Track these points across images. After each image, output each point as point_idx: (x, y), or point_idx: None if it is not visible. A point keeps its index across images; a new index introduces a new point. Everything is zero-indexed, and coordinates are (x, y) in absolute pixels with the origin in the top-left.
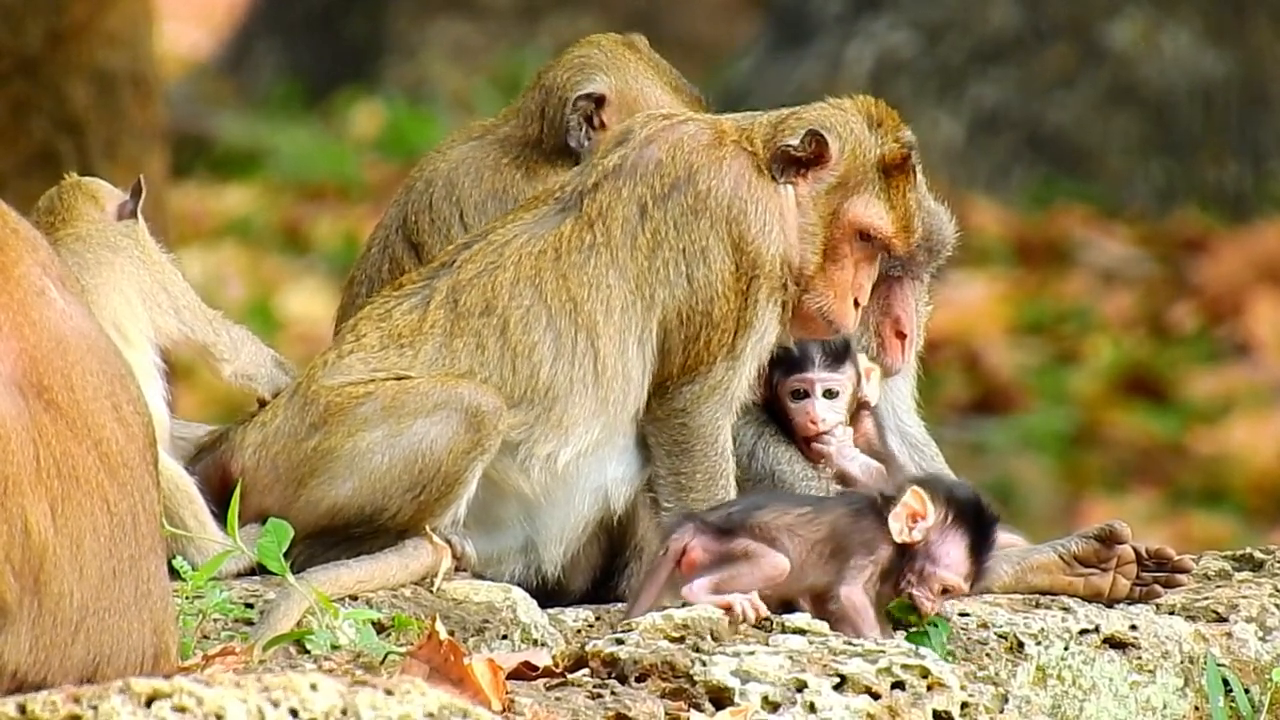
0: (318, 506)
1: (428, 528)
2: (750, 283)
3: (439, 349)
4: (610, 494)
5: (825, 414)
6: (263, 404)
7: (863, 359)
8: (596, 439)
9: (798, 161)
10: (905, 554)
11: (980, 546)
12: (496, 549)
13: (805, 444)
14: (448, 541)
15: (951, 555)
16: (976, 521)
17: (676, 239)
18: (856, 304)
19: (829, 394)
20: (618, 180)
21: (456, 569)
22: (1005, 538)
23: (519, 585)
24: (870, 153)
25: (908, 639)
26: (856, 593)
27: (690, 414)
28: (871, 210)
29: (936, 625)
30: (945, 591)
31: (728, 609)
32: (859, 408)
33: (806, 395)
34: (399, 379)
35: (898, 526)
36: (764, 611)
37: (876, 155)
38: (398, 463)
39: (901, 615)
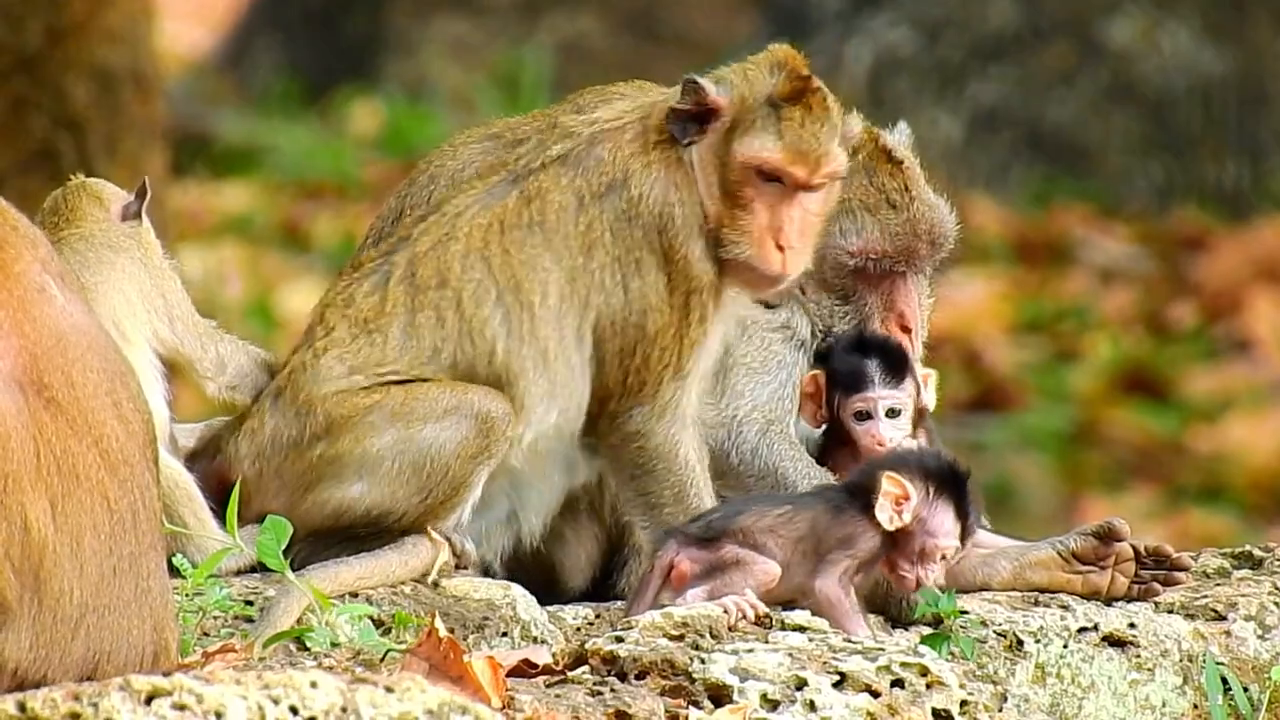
0: (324, 508)
1: (429, 526)
2: (688, 298)
3: (404, 329)
4: (577, 463)
5: (890, 433)
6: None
7: (918, 366)
8: (555, 422)
9: (688, 116)
10: (898, 541)
11: (964, 504)
12: (484, 524)
13: None
14: (447, 539)
15: (945, 524)
16: (955, 483)
17: (613, 244)
18: (780, 248)
19: (892, 413)
20: (560, 168)
21: (457, 566)
22: (993, 539)
23: (505, 560)
24: (762, 92)
25: (924, 642)
26: (831, 585)
27: (646, 436)
28: (756, 144)
29: (946, 611)
30: (944, 558)
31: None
32: (919, 415)
33: (870, 416)
34: (403, 383)
35: (886, 515)
36: (762, 609)
37: (767, 92)
38: (407, 467)
39: (924, 611)
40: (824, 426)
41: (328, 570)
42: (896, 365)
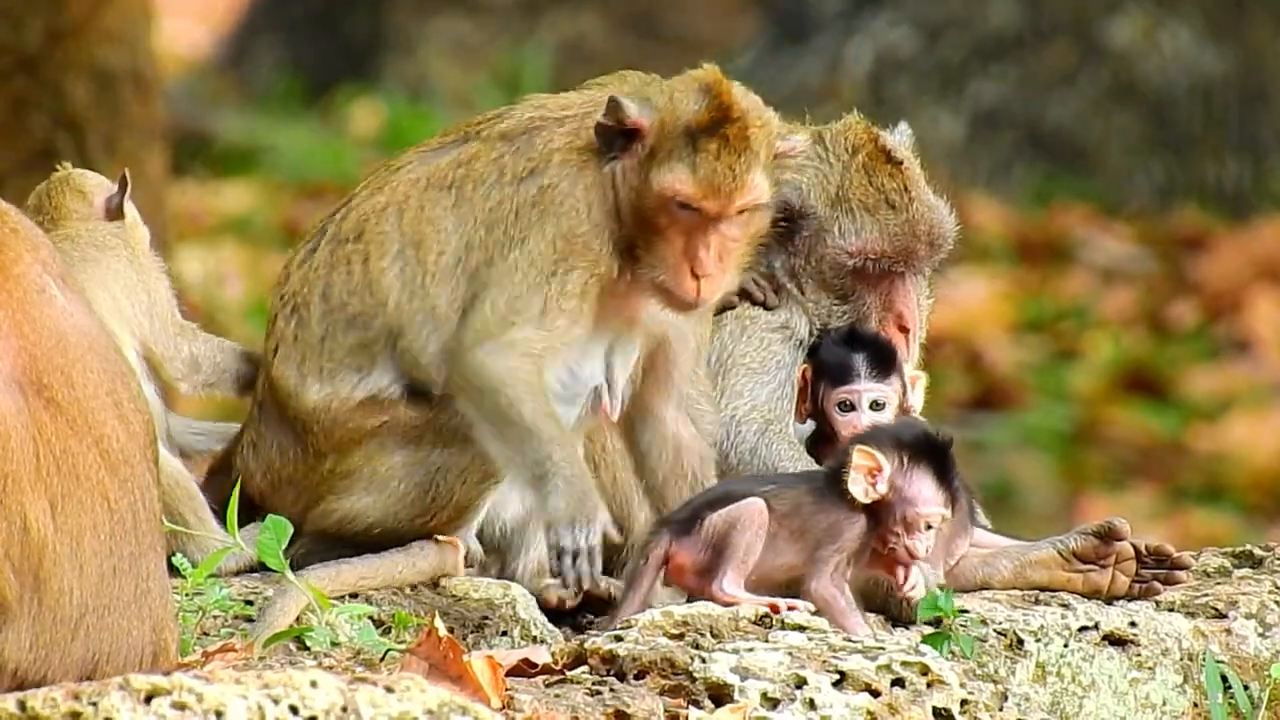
0: (329, 518)
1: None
2: (573, 269)
3: (323, 292)
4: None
5: None
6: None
7: (908, 368)
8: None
9: (614, 133)
10: (880, 514)
11: (945, 471)
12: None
13: None
14: (454, 542)
15: (925, 490)
16: (932, 450)
17: (513, 225)
18: (696, 275)
19: (875, 405)
20: (498, 142)
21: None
22: (993, 538)
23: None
24: (682, 119)
25: (925, 641)
26: (825, 586)
27: (482, 365)
28: (671, 175)
29: (945, 610)
30: (929, 526)
31: (774, 610)
32: (903, 415)
33: (853, 408)
34: (413, 401)
35: (860, 489)
36: (806, 606)
37: (686, 121)
38: (413, 489)
39: (928, 613)
40: (810, 421)
41: (329, 569)
42: (884, 360)
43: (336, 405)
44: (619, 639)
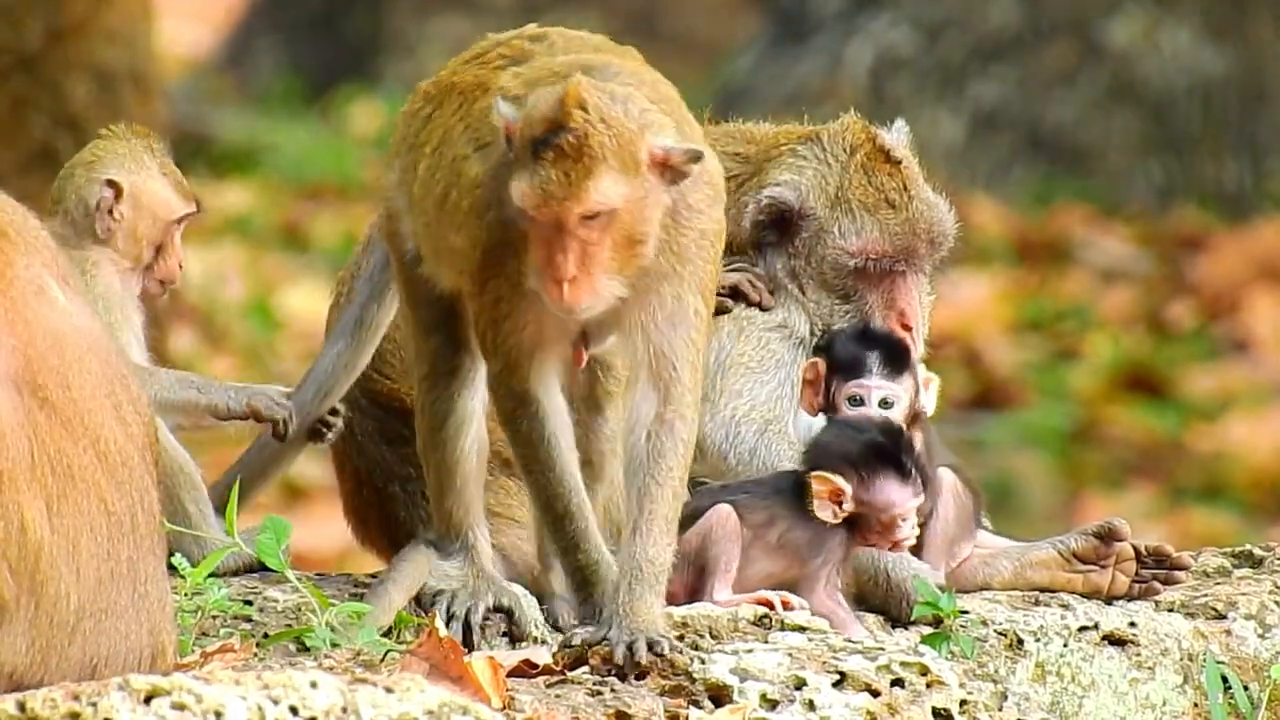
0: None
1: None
2: (490, 275)
3: (440, 100)
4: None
5: None
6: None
7: (921, 369)
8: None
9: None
10: (856, 522)
11: (905, 468)
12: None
13: None
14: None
15: (891, 495)
16: (883, 454)
17: (463, 190)
18: (559, 281)
19: (884, 403)
20: (514, 88)
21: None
22: (993, 539)
23: None
24: (531, 127)
25: (925, 641)
26: (821, 601)
27: (492, 392)
28: (515, 183)
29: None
30: (905, 520)
31: (769, 606)
32: (914, 417)
33: (862, 403)
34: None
35: (828, 513)
36: (800, 603)
37: (531, 129)
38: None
39: (924, 611)
40: (821, 415)
41: (379, 600)
42: (897, 359)
43: (393, 178)
44: None
